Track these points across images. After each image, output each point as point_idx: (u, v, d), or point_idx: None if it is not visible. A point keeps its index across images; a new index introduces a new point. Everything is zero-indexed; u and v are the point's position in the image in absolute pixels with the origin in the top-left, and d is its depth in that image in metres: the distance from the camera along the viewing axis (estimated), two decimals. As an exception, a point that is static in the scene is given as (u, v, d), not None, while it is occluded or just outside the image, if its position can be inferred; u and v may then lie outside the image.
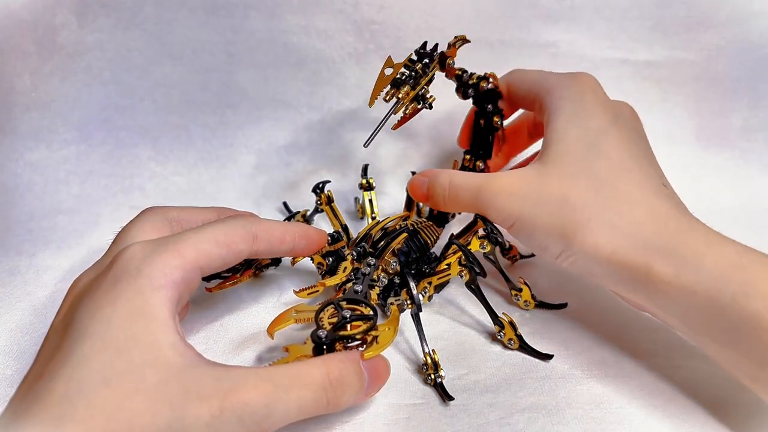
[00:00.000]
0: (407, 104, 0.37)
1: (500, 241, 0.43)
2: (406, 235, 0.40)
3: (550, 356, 0.37)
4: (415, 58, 0.38)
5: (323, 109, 0.54)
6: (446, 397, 0.34)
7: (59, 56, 0.50)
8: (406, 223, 0.43)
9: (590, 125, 0.36)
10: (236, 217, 0.36)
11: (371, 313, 0.32)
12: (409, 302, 0.38)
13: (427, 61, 0.38)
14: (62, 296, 0.31)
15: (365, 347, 0.31)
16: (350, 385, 0.29)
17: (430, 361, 0.35)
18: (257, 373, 0.27)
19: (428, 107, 0.38)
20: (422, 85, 0.37)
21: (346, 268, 0.38)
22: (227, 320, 0.40)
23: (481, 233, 0.40)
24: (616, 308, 0.41)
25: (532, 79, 0.41)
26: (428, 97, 0.38)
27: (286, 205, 0.53)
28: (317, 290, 0.36)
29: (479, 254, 0.40)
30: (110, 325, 0.26)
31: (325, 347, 0.30)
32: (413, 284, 0.38)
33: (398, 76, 0.37)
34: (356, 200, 0.52)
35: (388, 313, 0.40)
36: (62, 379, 0.25)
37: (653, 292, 0.32)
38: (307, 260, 0.40)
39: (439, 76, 0.41)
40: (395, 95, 0.37)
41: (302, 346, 0.31)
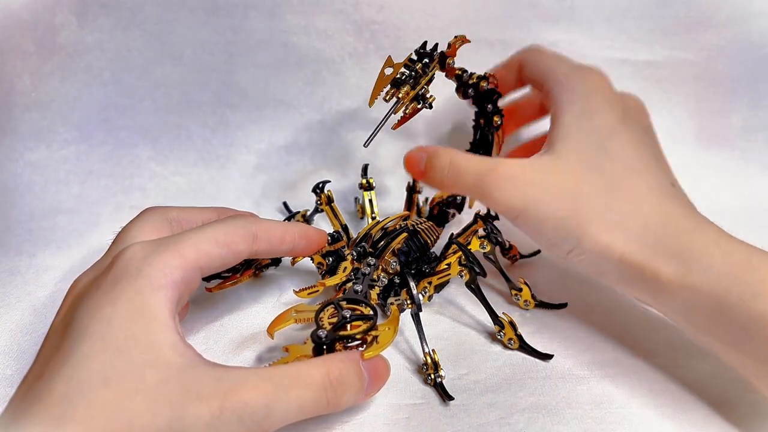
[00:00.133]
0: (407, 104, 0.37)
1: (500, 241, 0.43)
2: (406, 235, 0.40)
3: (550, 356, 0.37)
4: (415, 57, 0.38)
5: (323, 109, 0.54)
6: (446, 397, 0.34)
7: (59, 56, 0.50)
8: (406, 223, 0.42)
9: (599, 124, 0.36)
10: (236, 217, 0.36)
11: (371, 313, 0.32)
12: (409, 302, 0.38)
13: (427, 60, 0.38)
14: (62, 296, 0.31)
15: (365, 347, 0.31)
16: (350, 385, 0.29)
17: (430, 361, 0.35)
18: (257, 373, 0.27)
19: (428, 107, 0.38)
20: (422, 84, 0.37)
21: (346, 268, 0.38)
22: (227, 320, 0.40)
23: (481, 233, 0.40)
24: (616, 308, 0.41)
25: (545, 64, 0.41)
26: (428, 96, 0.38)
27: (286, 205, 0.53)
28: (317, 290, 0.36)
29: (479, 254, 0.40)
30: (110, 325, 0.26)
31: (325, 347, 0.30)
32: (413, 284, 0.38)
33: (398, 75, 0.37)
34: (356, 200, 0.52)
35: (388, 313, 0.40)
36: (62, 379, 0.25)
37: (660, 291, 0.33)
38: (307, 260, 0.40)
39: (439, 75, 0.41)
40: (395, 95, 0.37)
41: (302, 346, 0.31)
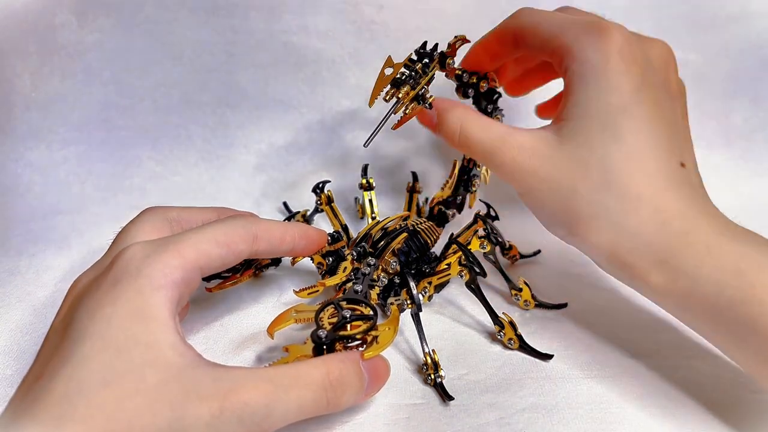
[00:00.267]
0: (407, 104, 0.37)
1: (500, 241, 0.43)
2: (406, 235, 0.40)
3: (550, 356, 0.37)
4: (415, 57, 0.38)
5: (323, 109, 0.54)
6: (446, 397, 0.34)
7: (59, 56, 0.50)
8: (406, 223, 0.42)
9: (611, 101, 0.33)
10: (236, 217, 0.36)
11: (371, 313, 0.32)
12: (409, 302, 0.38)
13: (427, 60, 0.38)
14: (62, 296, 0.31)
15: (365, 347, 0.31)
16: (350, 385, 0.29)
17: (430, 361, 0.35)
18: (257, 373, 0.27)
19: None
20: (422, 84, 0.37)
21: (346, 268, 0.38)
22: (227, 320, 0.40)
23: (481, 233, 0.40)
24: (616, 308, 0.41)
25: (548, 29, 0.36)
26: (428, 96, 0.38)
27: (286, 205, 0.53)
28: (317, 290, 0.36)
29: (479, 254, 0.40)
30: (110, 325, 0.26)
31: (325, 347, 0.30)
32: (413, 284, 0.38)
33: (398, 75, 0.37)
34: (356, 200, 0.52)
35: (388, 313, 0.40)
36: (62, 379, 0.25)
37: (650, 292, 0.33)
38: (307, 260, 0.40)
39: (439, 75, 0.41)
40: (395, 95, 0.37)
41: (302, 346, 0.31)
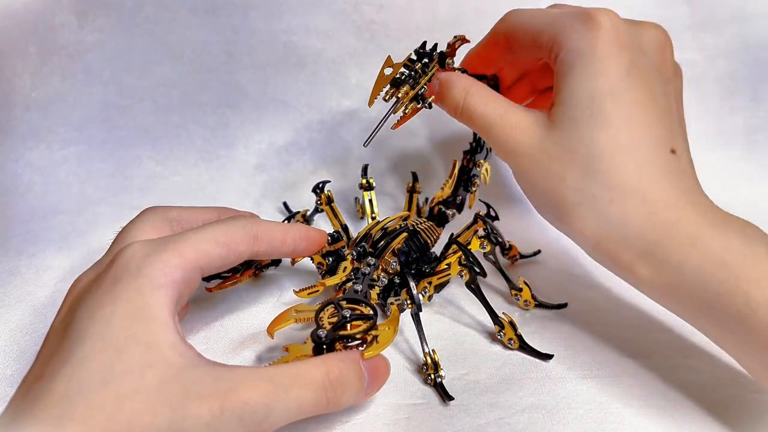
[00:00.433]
0: (407, 104, 0.37)
1: (500, 241, 0.43)
2: (406, 235, 0.40)
3: (550, 356, 0.37)
4: (414, 57, 0.38)
5: (323, 109, 0.54)
6: (446, 397, 0.34)
7: (59, 56, 0.50)
8: (406, 223, 0.43)
9: (599, 86, 0.33)
10: (237, 217, 0.36)
11: (371, 312, 0.32)
12: (409, 302, 0.38)
13: (426, 60, 0.38)
14: (62, 296, 0.31)
15: (365, 347, 0.31)
16: (350, 384, 0.29)
17: (430, 361, 0.35)
18: (257, 372, 0.27)
19: (428, 107, 0.38)
20: (422, 84, 0.37)
21: (346, 267, 0.38)
22: (227, 320, 0.40)
23: (481, 233, 0.40)
24: (616, 308, 0.41)
25: (537, 24, 0.37)
26: (428, 96, 0.38)
27: (286, 205, 0.53)
28: (317, 290, 0.36)
29: (479, 254, 0.40)
30: (110, 325, 0.26)
31: (325, 347, 0.30)
32: (413, 284, 0.38)
33: (398, 75, 0.37)
34: (356, 200, 0.52)
35: (388, 313, 0.40)
36: (62, 379, 0.25)
37: (637, 284, 0.33)
38: (307, 260, 0.40)
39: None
40: (395, 95, 0.37)
41: (302, 345, 0.31)
